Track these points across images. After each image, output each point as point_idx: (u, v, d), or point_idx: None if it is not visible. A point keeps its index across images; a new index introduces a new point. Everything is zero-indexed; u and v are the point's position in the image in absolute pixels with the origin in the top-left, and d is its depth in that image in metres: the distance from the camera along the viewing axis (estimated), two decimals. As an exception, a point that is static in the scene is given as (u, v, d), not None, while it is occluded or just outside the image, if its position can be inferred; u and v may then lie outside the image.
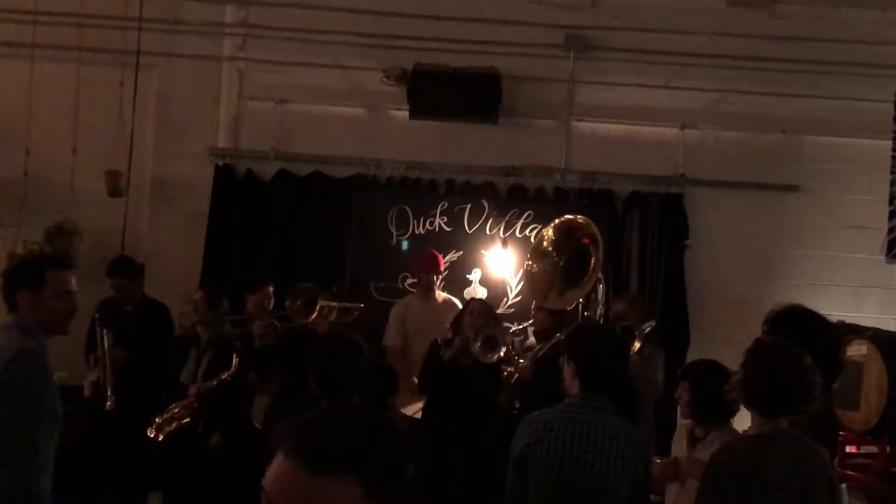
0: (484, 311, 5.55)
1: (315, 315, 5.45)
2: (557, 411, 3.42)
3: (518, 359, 5.39)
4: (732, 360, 6.81)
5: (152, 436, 5.39)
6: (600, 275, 5.04)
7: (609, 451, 3.26)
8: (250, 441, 5.54)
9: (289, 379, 5.39)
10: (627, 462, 3.28)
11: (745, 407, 3.17)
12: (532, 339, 5.78)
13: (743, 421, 3.38)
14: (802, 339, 3.10)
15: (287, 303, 5.52)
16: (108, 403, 5.49)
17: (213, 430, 5.48)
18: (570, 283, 5.12)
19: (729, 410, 4.08)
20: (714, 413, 4.01)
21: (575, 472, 3.26)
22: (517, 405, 5.18)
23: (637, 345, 5.10)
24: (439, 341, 5.50)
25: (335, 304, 5.80)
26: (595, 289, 5.13)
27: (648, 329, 5.36)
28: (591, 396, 3.35)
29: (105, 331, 5.61)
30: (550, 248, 5.26)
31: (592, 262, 5.00)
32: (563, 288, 5.16)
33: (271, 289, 6.01)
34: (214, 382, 5.45)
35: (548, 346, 5.20)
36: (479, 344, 5.21)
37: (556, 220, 5.36)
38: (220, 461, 5.47)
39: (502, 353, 5.24)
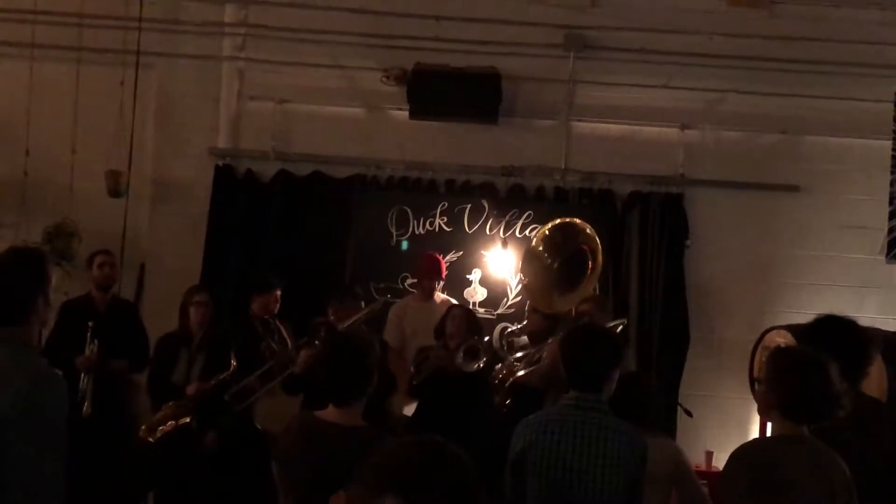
0: (465, 317, 5.59)
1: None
2: (553, 413, 3.41)
3: (514, 360, 5.39)
4: (732, 359, 6.81)
5: (144, 436, 5.37)
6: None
7: (605, 451, 3.24)
8: (250, 441, 5.55)
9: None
10: (623, 462, 3.26)
11: (767, 413, 3.16)
12: (524, 339, 5.78)
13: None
14: (834, 346, 3.07)
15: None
16: (85, 409, 5.50)
17: (209, 429, 5.47)
18: (568, 286, 5.11)
19: None
20: None
21: (571, 473, 3.24)
22: (508, 404, 5.17)
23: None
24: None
25: (361, 314, 5.67)
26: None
27: (621, 327, 5.37)
28: (587, 397, 3.34)
29: (96, 340, 5.59)
30: (542, 249, 5.26)
31: (590, 265, 4.99)
32: (561, 291, 5.15)
33: (278, 293, 6.00)
34: (212, 382, 5.44)
35: (542, 348, 5.21)
36: (461, 355, 5.30)
37: (549, 224, 5.37)
38: (215, 460, 5.46)
39: (482, 364, 5.30)
